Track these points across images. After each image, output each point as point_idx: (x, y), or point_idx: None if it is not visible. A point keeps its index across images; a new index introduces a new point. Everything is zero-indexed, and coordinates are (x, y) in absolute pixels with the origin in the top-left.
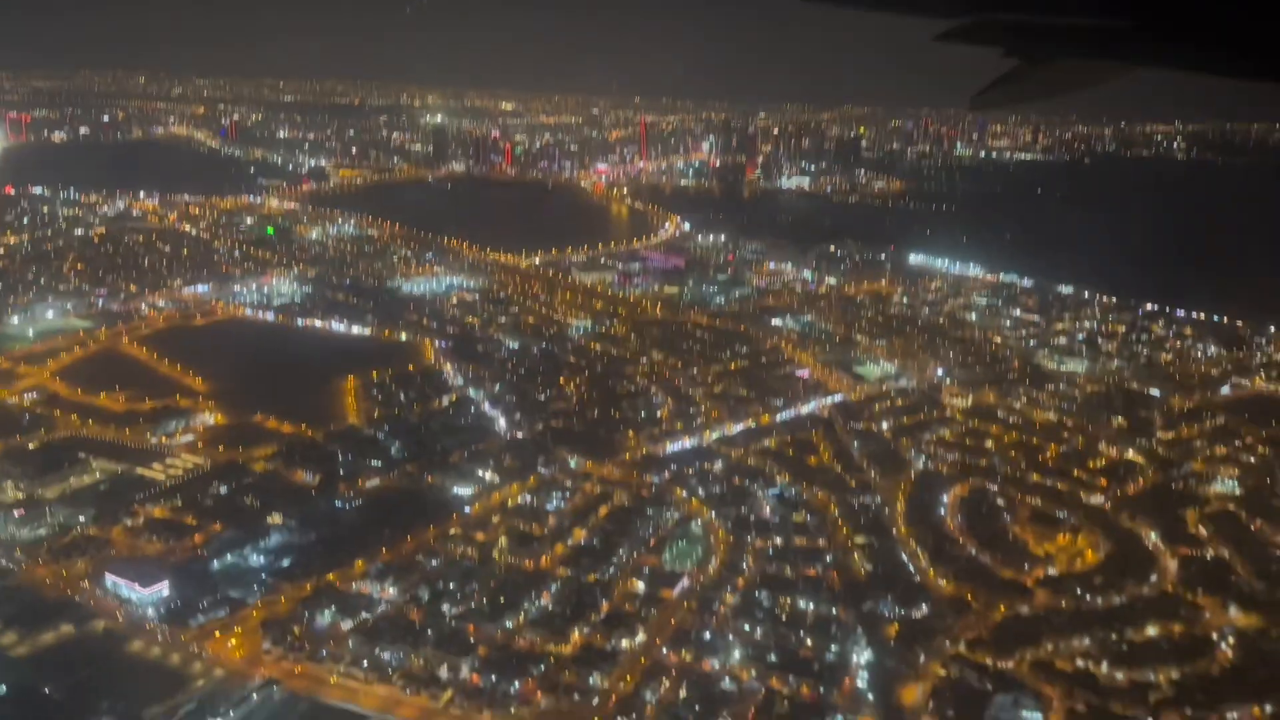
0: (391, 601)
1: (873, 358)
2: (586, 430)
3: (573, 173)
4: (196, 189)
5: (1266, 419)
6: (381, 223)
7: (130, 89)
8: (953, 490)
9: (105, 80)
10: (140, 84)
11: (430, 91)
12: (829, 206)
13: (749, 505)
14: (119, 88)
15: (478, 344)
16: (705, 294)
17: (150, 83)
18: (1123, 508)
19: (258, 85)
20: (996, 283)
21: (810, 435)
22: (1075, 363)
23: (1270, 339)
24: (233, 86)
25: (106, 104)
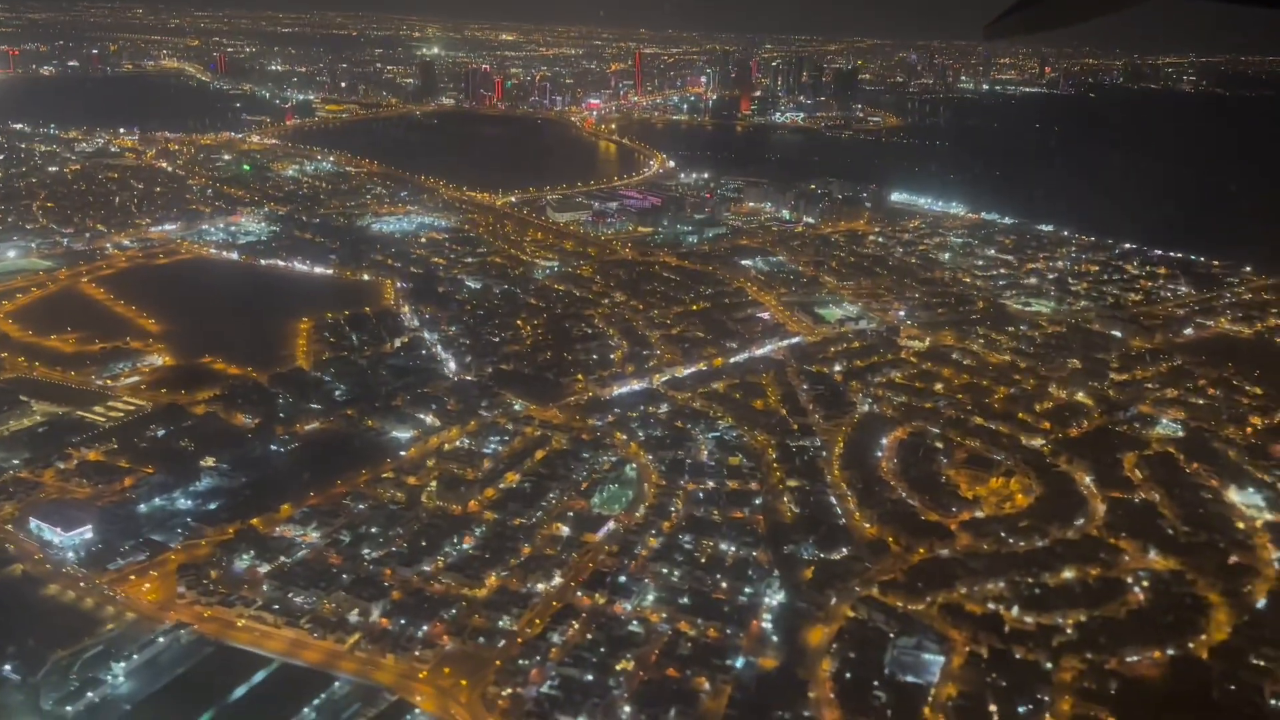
0: (312, 545)
1: (837, 299)
2: (536, 373)
3: (564, 107)
4: (179, 124)
5: (1223, 361)
6: (361, 160)
7: (126, 22)
8: (893, 433)
9: (102, 13)
10: (137, 16)
11: (430, 23)
12: (821, 142)
13: (687, 449)
14: (115, 20)
15: (439, 285)
16: (678, 234)
17: (147, 15)
18: (1061, 450)
19: (256, 17)
20: (977, 221)
21: (761, 378)
22: (1041, 303)
23: (1243, 279)
24: (230, 19)
25: (100, 37)
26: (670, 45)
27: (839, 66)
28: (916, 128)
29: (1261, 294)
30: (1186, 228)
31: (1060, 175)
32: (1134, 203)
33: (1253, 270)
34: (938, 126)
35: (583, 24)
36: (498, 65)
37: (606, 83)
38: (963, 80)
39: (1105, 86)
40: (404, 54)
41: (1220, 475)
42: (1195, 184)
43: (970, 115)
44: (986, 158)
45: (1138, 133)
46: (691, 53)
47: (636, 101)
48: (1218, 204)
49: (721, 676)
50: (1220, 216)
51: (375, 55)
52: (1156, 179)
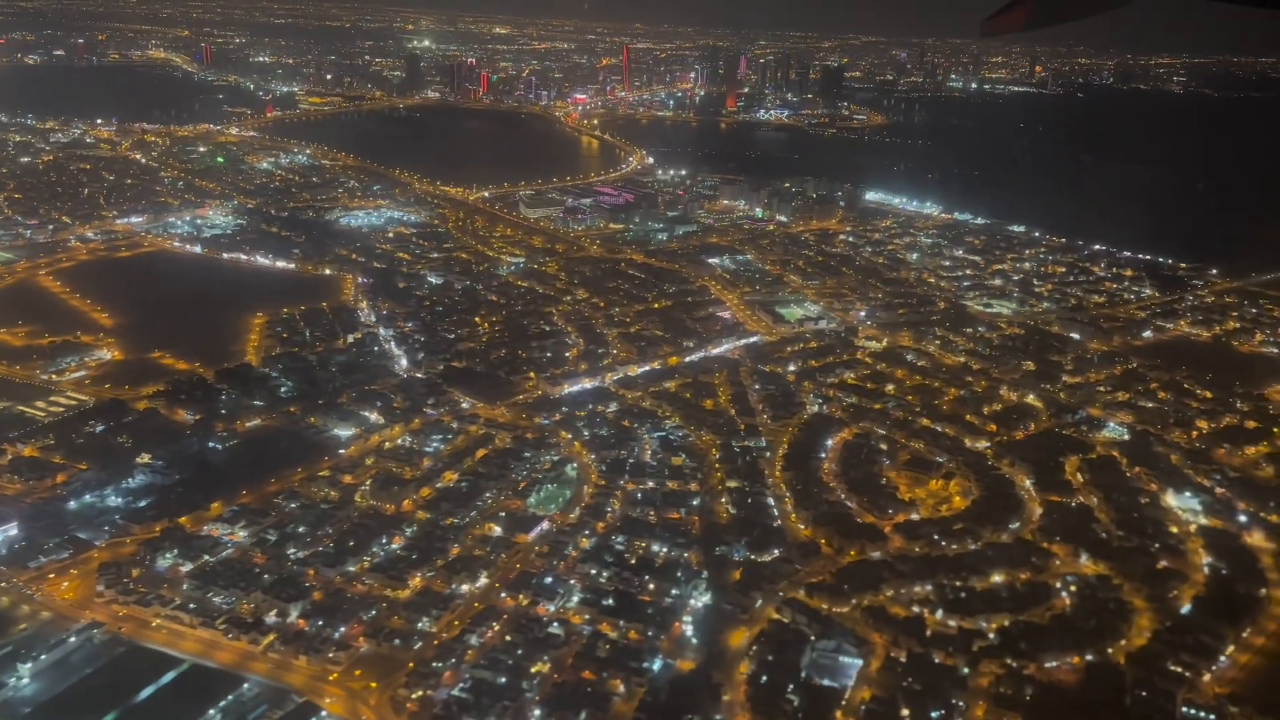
0: (239, 545)
1: (799, 299)
2: (488, 370)
3: (549, 102)
4: (159, 115)
5: (1177, 364)
6: (337, 153)
7: (118, 11)
8: (839, 434)
9: (95, 2)
10: (130, 6)
11: (424, 16)
12: (803, 140)
13: (630, 449)
14: (107, 9)
15: (400, 280)
16: (649, 231)
17: (140, 4)
18: (1005, 453)
19: (250, 8)
20: (949, 221)
21: (713, 378)
22: (1003, 304)
23: (1208, 282)
24: (224, 9)
25: (90, 26)
26: (664, 41)
27: (828, 64)
28: (900, 126)
29: (1224, 297)
30: (1157, 230)
31: (1037, 176)
32: (1107, 204)
33: (1219, 273)
34: (922, 125)
35: (577, 18)
36: (487, 59)
37: (595, 78)
38: (952, 79)
39: (1094, 87)
40: (394, 47)
41: (1160, 479)
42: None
43: (956, 114)
44: (966, 157)
45: (1119, 133)
46: (685, 48)
47: (623, 97)
48: (1190, 206)
49: (636, 679)
50: (1191, 219)
51: (365, 48)
52: (1132, 180)
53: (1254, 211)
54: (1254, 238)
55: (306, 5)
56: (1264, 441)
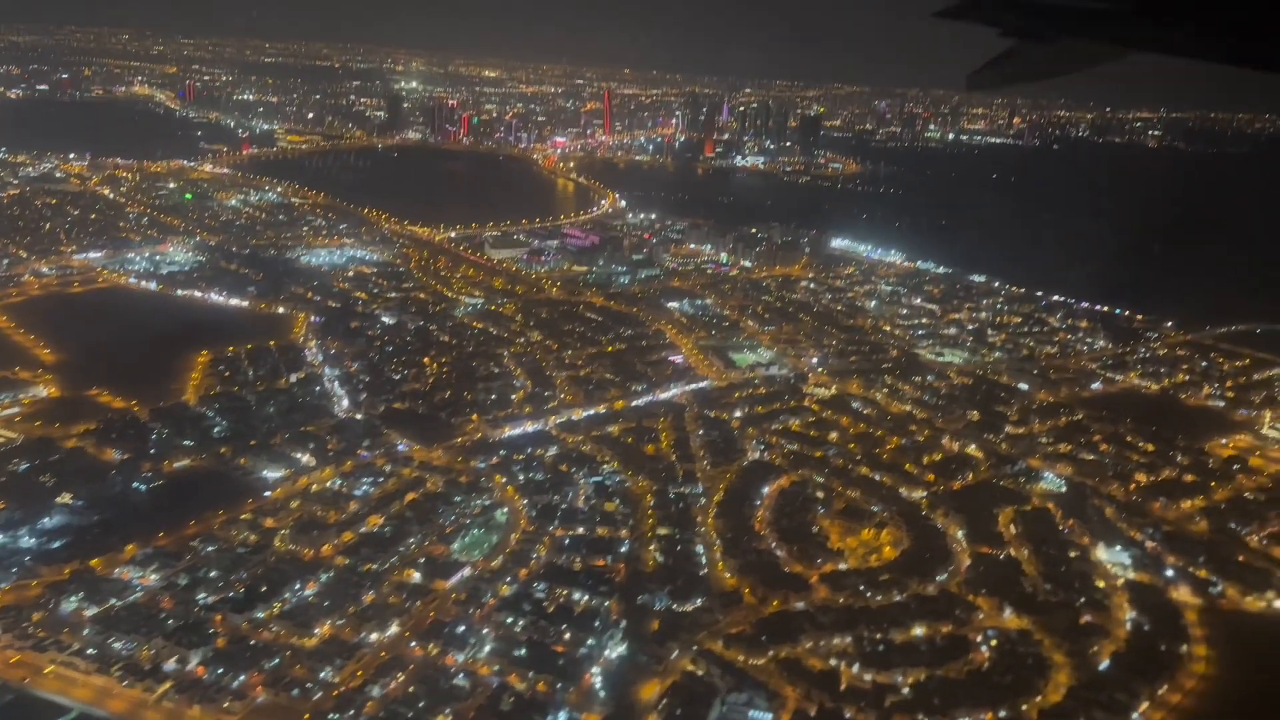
0: (148, 588)
1: (754, 344)
2: (430, 412)
3: (529, 144)
4: (134, 151)
5: (1122, 416)
6: (308, 191)
7: (110, 47)
8: (777, 482)
9: (87, 37)
10: (122, 43)
11: (416, 57)
12: (777, 186)
13: (565, 493)
14: (99, 45)
15: (353, 319)
16: (611, 274)
17: (132, 41)
18: (940, 503)
19: (242, 46)
20: (911, 270)
21: (657, 422)
22: (955, 353)
23: (1162, 335)
24: (215, 46)
25: (78, 61)
26: (651, 87)
27: (807, 112)
28: (874, 175)
29: (1176, 350)
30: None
31: (1003, 226)
32: (1069, 255)
33: (1173, 326)
34: (895, 175)
35: (568, 63)
36: (473, 101)
37: (578, 121)
38: (930, 129)
39: (1071, 139)
40: (380, 87)
41: (1092, 533)
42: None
43: (930, 164)
44: (935, 207)
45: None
46: (671, 94)
47: (604, 141)
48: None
49: None
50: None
51: (351, 87)
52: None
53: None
54: (1210, 291)
55: (298, 44)
56: (1200, 495)
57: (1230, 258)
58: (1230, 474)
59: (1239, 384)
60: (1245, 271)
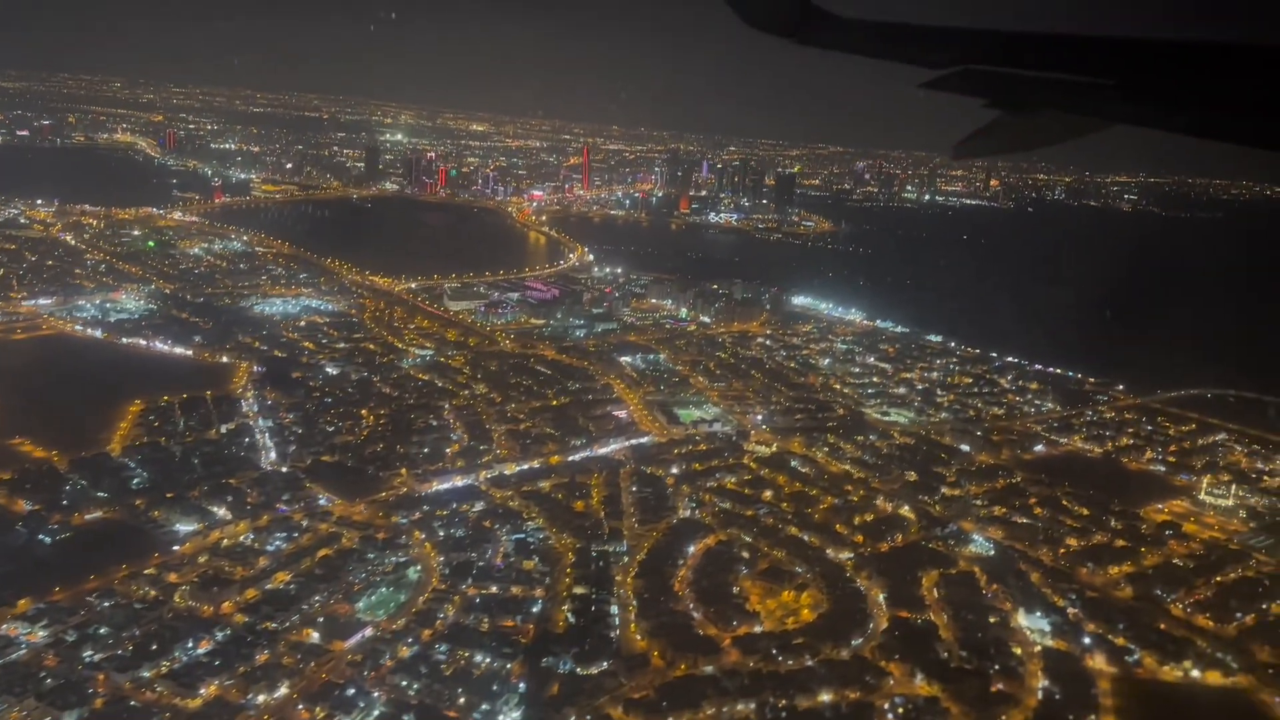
0: (34, 645)
1: (701, 400)
2: (358, 465)
3: (506, 197)
4: (105, 198)
5: (1061, 479)
6: (274, 240)
7: (100, 94)
8: (704, 541)
9: (79, 84)
10: (114, 90)
11: (407, 110)
12: (748, 243)
13: (483, 550)
14: (90, 92)
15: (296, 370)
16: (568, 327)
17: (123, 89)
18: (865, 565)
19: (232, 96)
20: (869, 328)
21: (591, 478)
22: (901, 413)
23: (1112, 397)
24: (205, 95)
25: (66, 108)
26: (636, 143)
27: (783, 171)
28: (846, 234)
29: (1124, 414)
30: (1070, 344)
31: (965, 287)
32: (1027, 317)
33: (1124, 389)
34: (867, 234)
35: (558, 118)
36: (456, 154)
37: (558, 175)
38: (908, 190)
39: (1046, 202)
40: (366, 139)
41: (1015, 598)
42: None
43: (903, 224)
44: (902, 266)
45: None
46: (656, 151)
47: (581, 195)
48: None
49: None
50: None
51: (336, 138)
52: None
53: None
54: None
55: (290, 95)
56: (1129, 561)
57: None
58: (1162, 540)
59: (1182, 449)
60: (1204, 335)
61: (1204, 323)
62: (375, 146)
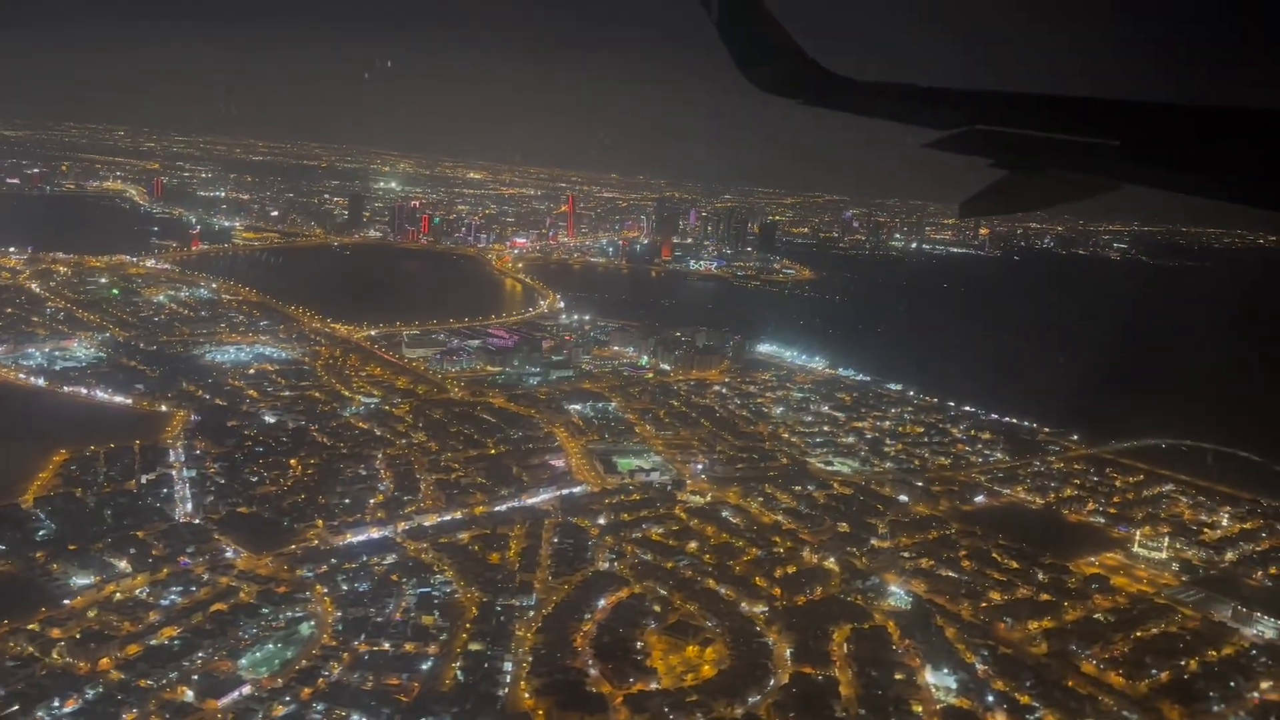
0: None
1: (643, 449)
2: (274, 516)
3: (488, 244)
4: (80, 245)
5: (995, 532)
6: (241, 288)
7: (100, 143)
8: (616, 594)
9: (82, 132)
10: (118, 139)
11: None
12: (725, 291)
13: (384, 605)
14: (92, 141)
15: (232, 418)
16: (522, 375)
17: (125, 137)
18: (777, 619)
19: (233, 144)
20: (829, 377)
21: (514, 529)
22: (845, 463)
23: (1064, 448)
24: (206, 144)
25: (61, 156)
26: (632, 191)
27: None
28: (825, 282)
29: (1074, 464)
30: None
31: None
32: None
33: (1078, 439)
34: (846, 282)
35: (555, 166)
36: (446, 202)
37: (544, 222)
38: (895, 238)
39: (1034, 251)
40: (360, 186)
41: (924, 654)
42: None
43: (886, 273)
44: (874, 314)
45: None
46: (650, 199)
47: (565, 242)
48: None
49: None
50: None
51: (329, 186)
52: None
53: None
54: (1127, 405)
55: (291, 144)
56: (1049, 616)
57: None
58: (1087, 593)
59: (1126, 500)
60: (1171, 383)
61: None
62: (359, 194)
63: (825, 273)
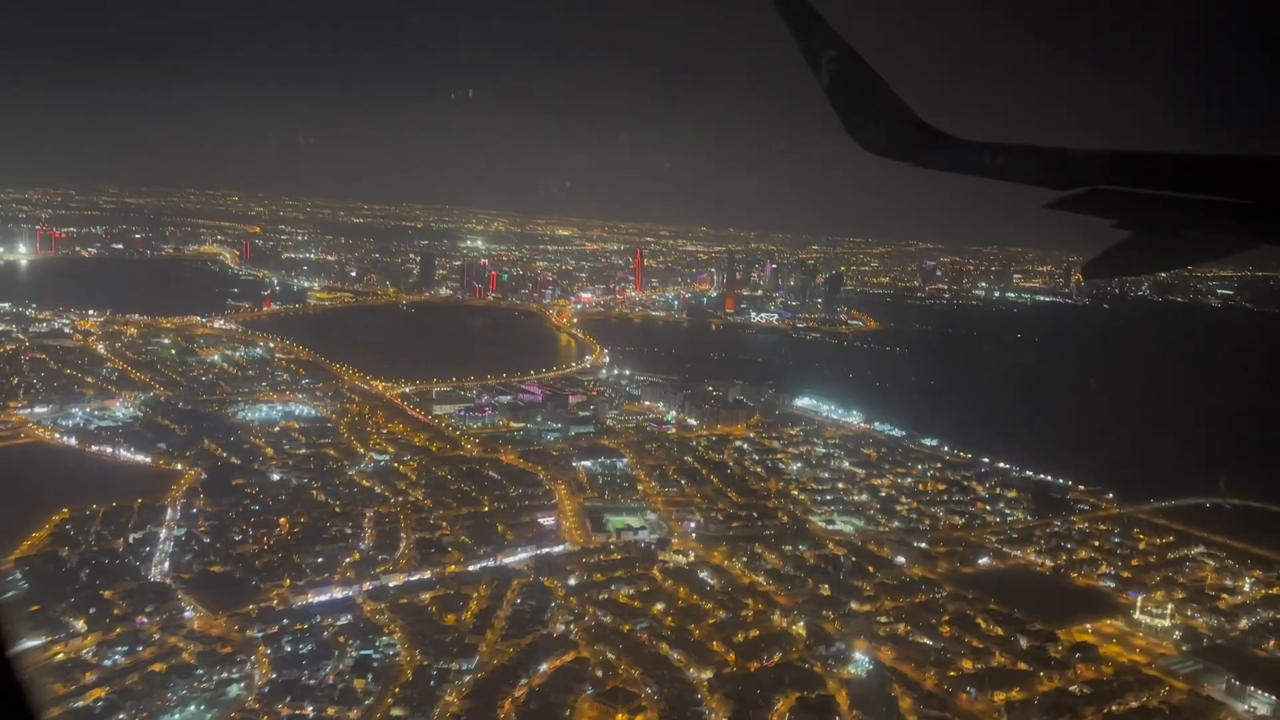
0: None
1: (641, 507)
2: (245, 575)
3: (552, 300)
4: (160, 308)
5: (990, 596)
6: (296, 346)
7: (213, 208)
8: (561, 658)
9: (200, 199)
10: (231, 204)
11: (502, 216)
12: (781, 343)
13: (320, 667)
14: (205, 206)
15: (239, 476)
16: (542, 431)
17: (239, 203)
18: (722, 687)
19: (338, 206)
20: (862, 432)
21: (478, 589)
22: (849, 521)
23: (1094, 508)
24: (313, 207)
25: (170, 221)
26: (717, 244)
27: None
28: (891, 333)
29: (1099, 524)
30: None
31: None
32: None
33: (1113, 498)
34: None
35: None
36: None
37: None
38: (980, 286)
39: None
40: (444, 245)
41: None
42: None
43: (958, 324)
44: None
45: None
46: (734, 250)
47: (632, 296)
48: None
49: None
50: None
51: (417, 246)
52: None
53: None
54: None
55: (395, 206)
56: (1019, 686)
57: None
58: (1069, 663)
59: (1146, 563)
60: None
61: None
62: (430, 252)
63: (893, 323)
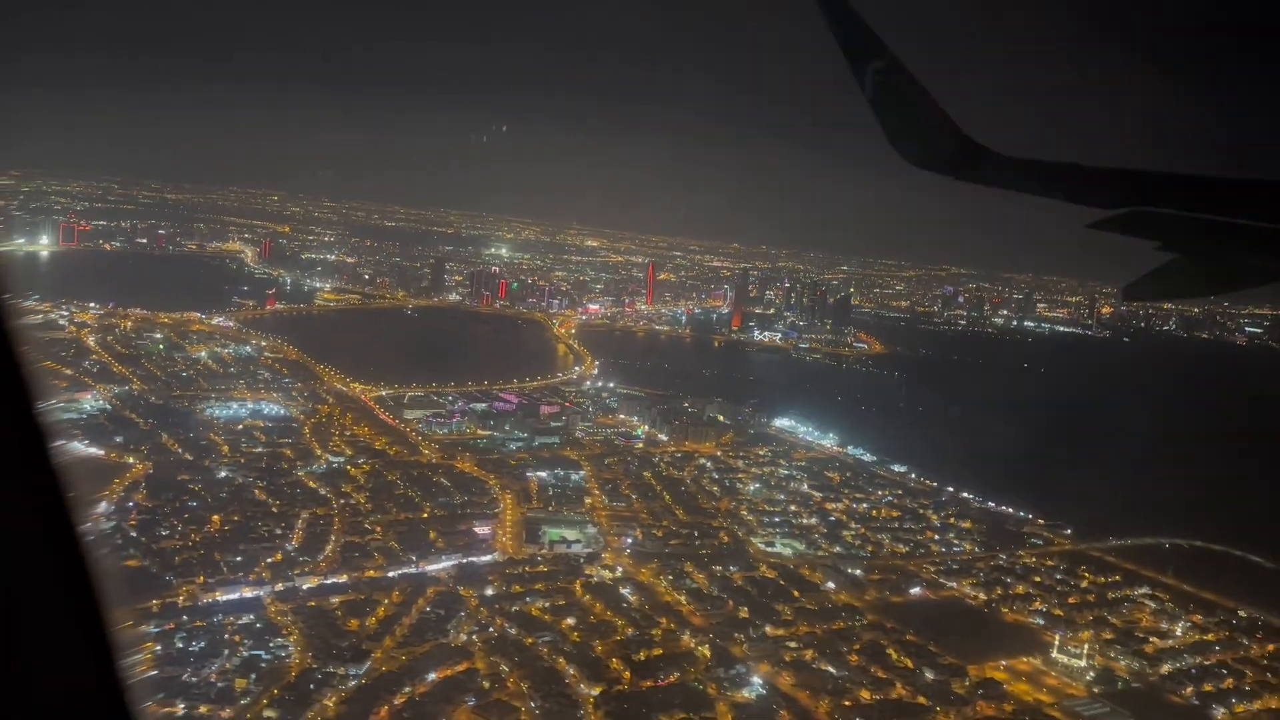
0: None
1: (582, 519)
2: (160, 571)
3: (559, 310)
4: (163, 303)
5: (909, 626)
6: (286, 346)
7: (249, 206)
8: (451, 668)
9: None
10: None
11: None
12: (779, 362)
13: (205, 666)
14: (243, 204)
15: (187, 472)
16: (506, 440)
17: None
18: (607, 705)
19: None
20: (832, 455)
21: (390, 595)
22: (789, 544)
23: (1048, 542)
24: (348, 209)
25: (203, 218)
26: (744, 260)
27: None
28: (893, 357)
29: (1045, 560)
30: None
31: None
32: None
33: (1071, 533)
34: (917, 358)
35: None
36: (548, 267)
37: (625, 289)
38: (1000, 315)
39: (1151, 333)
40: (472, 252)
41: None
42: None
43: (966, 350)
44: (924, 393)
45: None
46: (761, 267)
47: (641, 310)
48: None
49: None
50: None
51: (440, 251)
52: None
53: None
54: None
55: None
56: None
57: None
58: (970, 699)
59: (1084, 601)
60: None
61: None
62: (441, 258)
63: (899, 348)
